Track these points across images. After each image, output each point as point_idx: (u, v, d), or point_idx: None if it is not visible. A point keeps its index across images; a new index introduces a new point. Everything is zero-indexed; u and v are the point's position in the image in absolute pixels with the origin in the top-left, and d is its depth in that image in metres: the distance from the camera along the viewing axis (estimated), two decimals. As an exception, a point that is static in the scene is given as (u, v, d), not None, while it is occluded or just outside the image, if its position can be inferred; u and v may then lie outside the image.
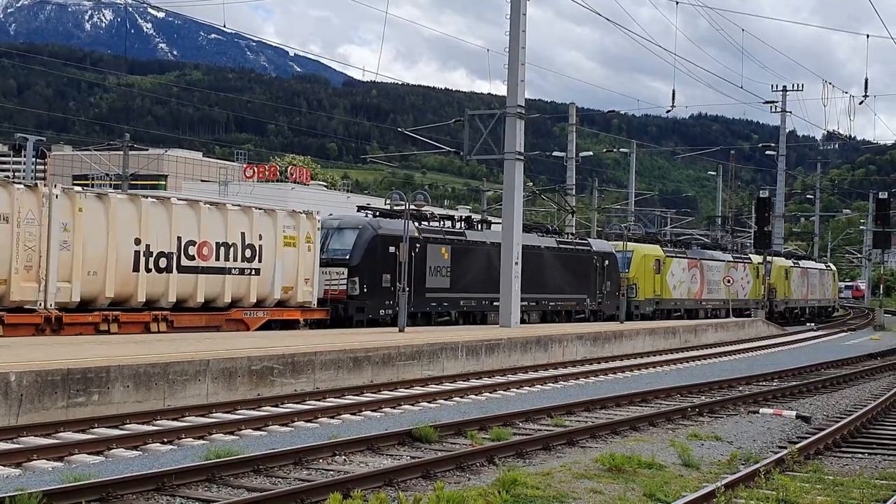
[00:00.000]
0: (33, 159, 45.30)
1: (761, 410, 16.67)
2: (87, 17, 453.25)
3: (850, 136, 66.67)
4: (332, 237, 28.64)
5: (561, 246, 37.42)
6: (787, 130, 64.73)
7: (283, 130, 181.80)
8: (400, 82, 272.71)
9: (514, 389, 19.30)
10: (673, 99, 45.91)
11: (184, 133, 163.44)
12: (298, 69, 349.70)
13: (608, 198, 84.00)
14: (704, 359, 29.33)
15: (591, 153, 68.76)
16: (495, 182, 60.77)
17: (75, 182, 69.09)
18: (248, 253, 25.16)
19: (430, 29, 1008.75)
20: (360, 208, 31.45)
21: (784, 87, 61.77)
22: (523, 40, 29.67)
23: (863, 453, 12.95)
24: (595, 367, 24.57)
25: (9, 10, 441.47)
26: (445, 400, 17.20)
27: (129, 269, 22.31)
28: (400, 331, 25.23)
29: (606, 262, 39.68)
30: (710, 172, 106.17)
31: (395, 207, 30.34)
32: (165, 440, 12.16)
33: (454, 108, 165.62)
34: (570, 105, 55.55)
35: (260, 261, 25.47)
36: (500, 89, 30.74)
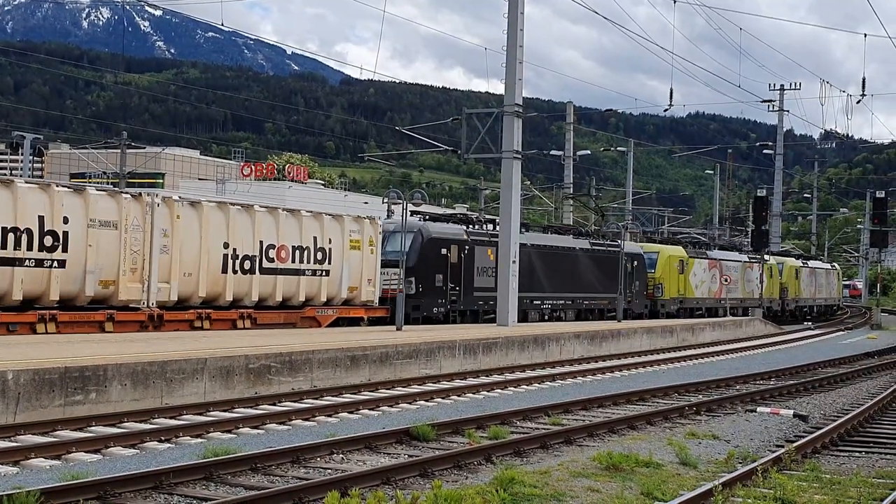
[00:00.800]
0: (30, 157, 45.32)
1: (758, 409, 16.67)
2: (84, 15, 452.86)
3: (848, 134, 66.70)
4: (389, 240, 29.88)
5: (594, 247, 39.04)
6: (785, 129, 64.80)
7: (281, 129, 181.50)
8: (397, 81, 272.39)
9: (512, 388, 19.31)
10: (670, 98, 46.02)
11: (181, 131, 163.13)
12: (296, 67, 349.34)
13: (606, 196, 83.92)
14: (701, 358, 29.36)
15: (588, 152, 68.71)
16: (493, 181, 60.65)
17: (73, 180, 68.91)
18: (319, 256, 26.86)
19: (428, 27, 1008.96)
20: (412, 212, 31.97)
21: (781, 85, 61.83)
22: (521, 39, 29.67)
23: (860, 452, 12.97)
24: (592, 365, 24.59)
25: (6, 8, 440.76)
26: (443, 398, 17.21)
27: (218, 271, 24.16)
28: (398, 329, 25.27)
29: (635, 262, 41.22)
30: (707, 171, 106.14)
31: (447, 211, 31.15)
32: (163, 438, 12.16)
33: (451, 106, 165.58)
34: (567, 104, 55.43)
35: (329, 263, 27.15)
36: (498, 88, 30.81)
